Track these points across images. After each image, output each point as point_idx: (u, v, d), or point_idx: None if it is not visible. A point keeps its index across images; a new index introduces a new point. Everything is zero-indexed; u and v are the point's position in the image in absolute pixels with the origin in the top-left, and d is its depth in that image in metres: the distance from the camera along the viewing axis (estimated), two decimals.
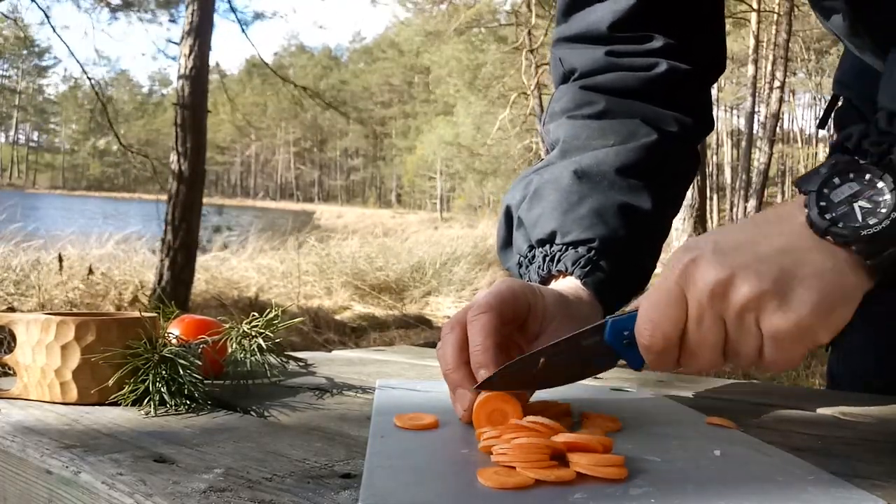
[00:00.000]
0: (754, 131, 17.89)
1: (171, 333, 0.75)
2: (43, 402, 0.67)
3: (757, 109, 18.19)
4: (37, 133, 73.57)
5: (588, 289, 0.73)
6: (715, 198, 25.80)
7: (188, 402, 0.65)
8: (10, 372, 0.70)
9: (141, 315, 0.71)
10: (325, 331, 6.53)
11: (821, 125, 0.95)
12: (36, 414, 0.63)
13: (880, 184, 0.52)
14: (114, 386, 0.66)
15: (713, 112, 0.93)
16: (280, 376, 0.81)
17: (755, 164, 16.17)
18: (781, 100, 15.89)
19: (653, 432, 0.58)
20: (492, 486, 0.43)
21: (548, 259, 0.75)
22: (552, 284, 0.75)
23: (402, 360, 0.99)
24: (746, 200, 15.47)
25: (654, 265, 0.82)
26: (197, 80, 6.13)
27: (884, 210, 0.51)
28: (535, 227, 0.78)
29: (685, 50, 0.84)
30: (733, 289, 0.52)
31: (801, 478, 0.47)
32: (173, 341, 0.72)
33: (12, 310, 4.85)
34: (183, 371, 0.66)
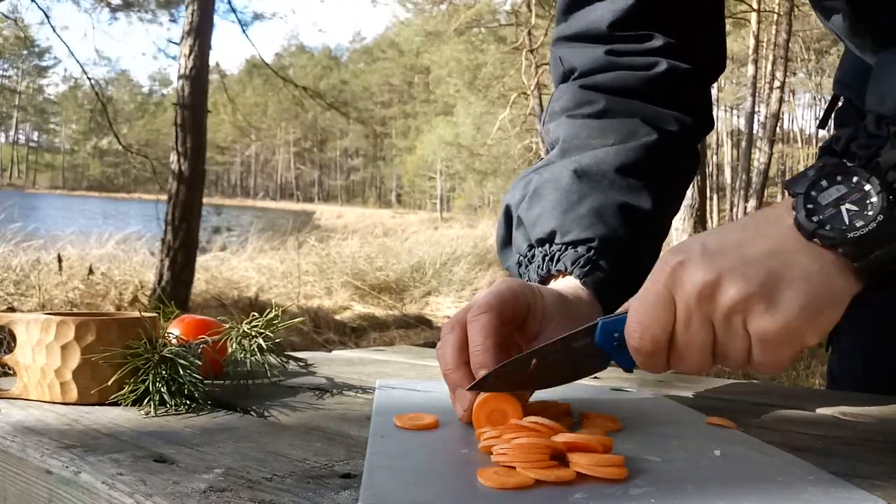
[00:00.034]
0: (754, 131, 17.88)
1: (171, 333, 0.75)
2: (43, 402, 0.67)
3: (757, 109, 18.18)
4: (37, 133, 73.63)
5: (587, 288, 0.73)
6: (715, 198, 25.80)
7: (188, 402, 0.65)
8: (10, 372, 0.70)
9: (141, 315, 0.71)
10: (325, 331, 6.53)
11: (821, 125, 0.95)
12: (36, 414, 0.63)
13: (867, 186, 0.52)
14: (114, 386, 0.66)
15: (713, 112, 0.93)
16: (280, 376, 0.81)
17: (755, 164, 16.17)
18: (781, 100, 15.88)
19: (653, 432, 0.58)
20: (492, 486, 0.43)
21: (547, 258, 0.75)
22: (551, 284, 0.74)
23: (402, 360, 0.99)
24: (746, 200, 15.46)
25: (653, 265, 0.82)
26: (197, 80, 6.13)
27: (871, 213, 0.51)
28: (534, 226, 0.78)
29: (685, 49, 0.84)
30: (721, 291, 0.52)
31: (801, 478, 0.47)
32: (173, 341, 0.72)
33: (12, 310, 4.85)
34: (183, 371, 0.66)
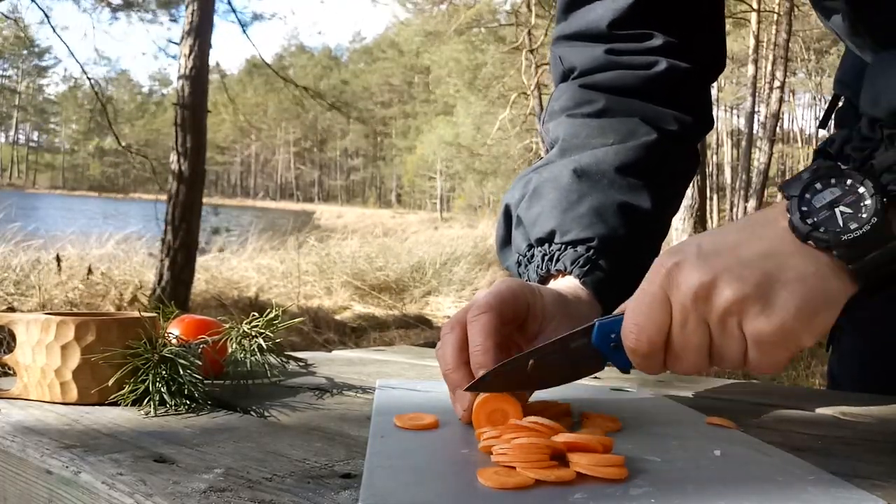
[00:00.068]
0: (754, 131, 17.88)
1: (171, 333, 0.75)
2: (43, 402, 0.67)
3: (757, 109, 18.18)
4: (37, 133, 73.61)
5: (587, 288, 0.73)
6: (715, 198, 25.78)
7: (188, 402, 0.65)
8: (10, 372, 0.70)
9: (141, 315, 0.71)
10: (325, 331, 6.53)
11: (821, 125, 0.95)
12: (36, 414, 0.63)
13: (861, 189, 0.52)
14: (114, 386, 0.65)
15: (713, 112, 0.93)
16: (280, 376, 0.81)
17: (755, 164, 16.17)
18: (781, 100, 15.88)
19: (653, 432, 0.58)
20: (492, 486, 0.43)
21: (547, 258, 0.75)
22: (551, 283, 0.74)
23: (402, 360, 0.99)
24: (746, 200, 15.46)
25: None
26: (197, 80, 6.14)
27: (864, 215, 0.51)
28: (534, 225, 0.78)
29: (685, 48, 0.84)
30: (716, 292, 0.52)
31: (801, 478, 0.47)
32: (173, 341, 0.72)
33: (12, 310, 4.85)
34: (183, 371, 0.66)
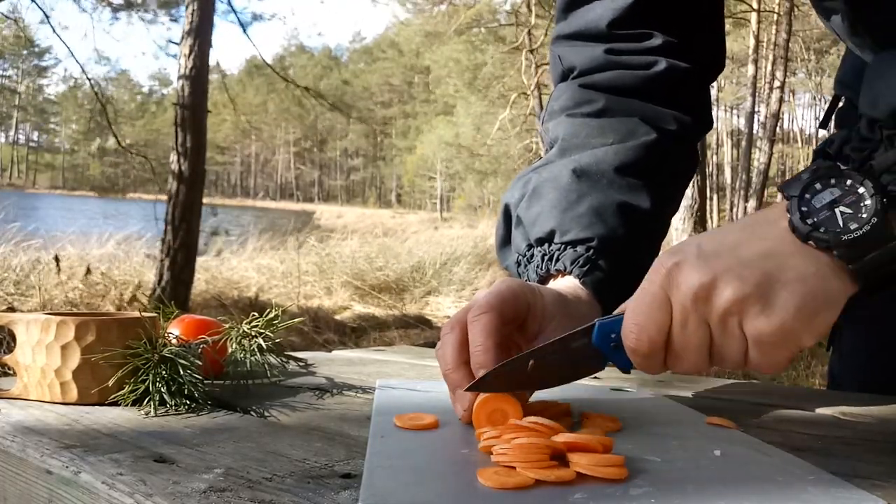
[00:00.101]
0: (754, 131, 17.88)
1: (171, 333, 0.75)
2: (43, 402, 0.67)
3: (757, 109, 18.18)
4: (37, 133, 73.60)
5: (587, 288, 0.73)
6: (715, 198, 25.78)
7: (188, 402, 0.65)
8: (10, 372, 0.70)
9: (141, 315, 0.71)
10: (325, 331, 6.53)
11: (822, 125, 0.95)
12: (36, 414, 0.63)
13: (861, 189, 0.52)
14: (114, 386, 0.65)
15: (713, 111, 0.93)
16: (280, 376, 0.81)
17: (755, 164, 16.17)
18: (781, 100, 15.88)
19: (653, 432, 0.58)
20: (492, 486, 0.43)
21: (546, 258, 0.75)
22: (551, 283, 0.74)
23: (402, 360, 0.99)
24: (746, 200, 15.46)
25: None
26: (197, 80, 6.14)
27: (864, 215, 0.51)
28: (533, 225, 0.78)
29: (684, 48, 0.84)
30: (716, 292, 0.52)
31: (801, 478, 0.47)
32: (173, 341, 0.72)
33: (12, 310, 4.85)
34: (183, 371, 0.66)
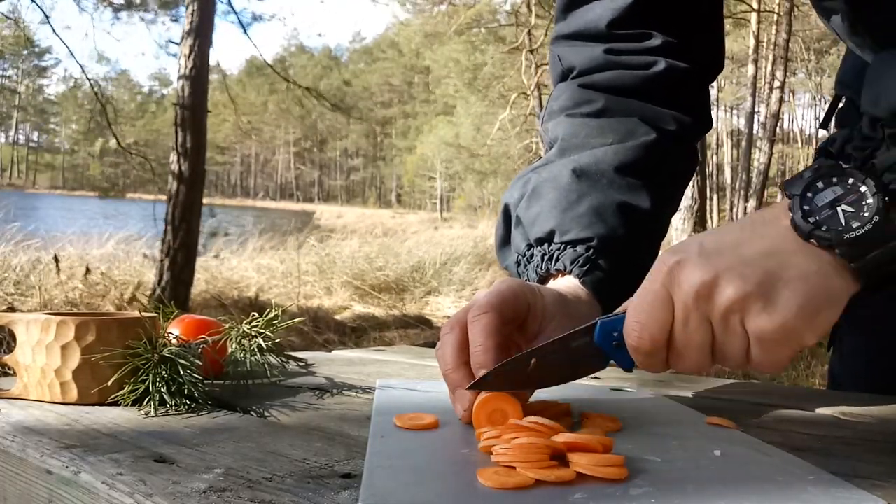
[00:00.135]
0: (754, 131, 17.87)
1: (171, 333, 0.75)
2: (43, 402, 0.67)
3: (757, 109, 18.17)
4: (37, 133, 73.61)
5: (587, 288, 0.73)
6: (715, 198, 25.79)
7: (188, 402, 0.65)
8: (10, 372, 0.70)
9: (141, 315, 0.71)
10: (325, 331, 6.53)
11: (822, 125, 0.95)
12: (36, 414, 0.63)
13: (863, 188, 0.52)
14: (114, 386, 0.66)
15: (712, 112, 0.93)
16: (280, 376, 0.81)
17: (755, 164, 16.16)
18: (781, 100, 15.88)
19: (653, 432, 0.58)
20: (492, 486, 0.43)
21: (546, 258, 0.75)
22: (551, 283, 0.74)
23: (402, 360, 0.99)
24: (746, 200, 15.45)
25: (652, 265, 0.82)
26: (197, 80, 6.14)
27: (866, 214, 0.51)
28: (533, 225, 0.78)
29: (684, 48, 0.84)
30: (718, 291, 0.52)
31: (801, 478, 0.47)
32: (173, 341, 0.72)
33: (12, 310, 4.85)
34: (183, 371, 0.66)
